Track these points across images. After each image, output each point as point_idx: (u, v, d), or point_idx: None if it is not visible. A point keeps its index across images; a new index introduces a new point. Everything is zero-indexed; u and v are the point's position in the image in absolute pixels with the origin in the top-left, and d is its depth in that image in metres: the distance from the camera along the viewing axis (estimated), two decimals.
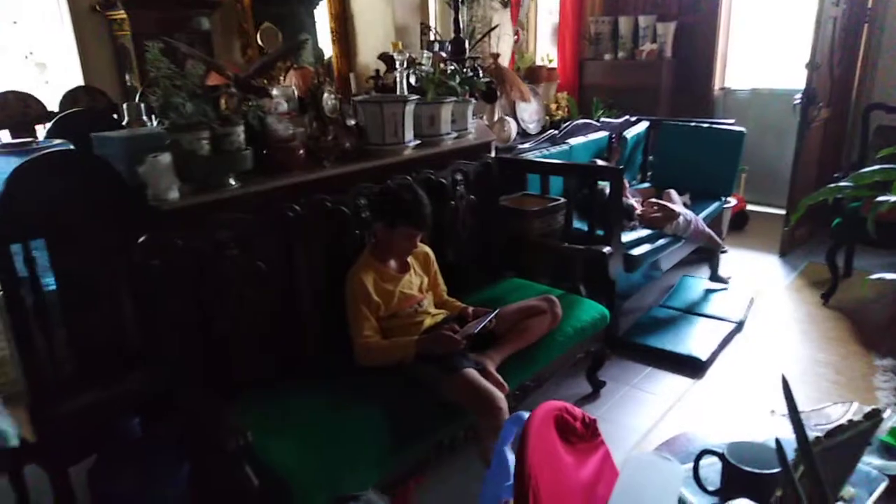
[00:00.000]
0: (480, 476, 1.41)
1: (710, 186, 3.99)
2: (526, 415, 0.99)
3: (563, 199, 2.89)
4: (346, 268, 2.11)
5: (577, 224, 3.01)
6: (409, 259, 2.21)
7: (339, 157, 2.27)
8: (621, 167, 3.27)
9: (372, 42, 3.89)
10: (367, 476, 1.70)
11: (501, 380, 1.98)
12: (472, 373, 1.90)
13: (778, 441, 0.81)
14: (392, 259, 2.16)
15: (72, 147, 1.85)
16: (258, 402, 1.83)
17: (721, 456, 1.10)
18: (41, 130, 3.51)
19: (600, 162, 3.74)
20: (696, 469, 1.12)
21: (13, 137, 3.30)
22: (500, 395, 1.86)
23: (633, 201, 3.48)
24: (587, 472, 1.01)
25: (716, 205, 3.95)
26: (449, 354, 1.94)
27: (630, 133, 4.04)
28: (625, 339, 3.07)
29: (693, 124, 4.22)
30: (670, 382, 2.78)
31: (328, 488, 1.62)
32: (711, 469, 1.13)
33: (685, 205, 3.64)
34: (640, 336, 3.11)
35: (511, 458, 0.99)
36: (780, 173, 4.56)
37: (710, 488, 1.11)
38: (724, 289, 3.60)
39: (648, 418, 2.51)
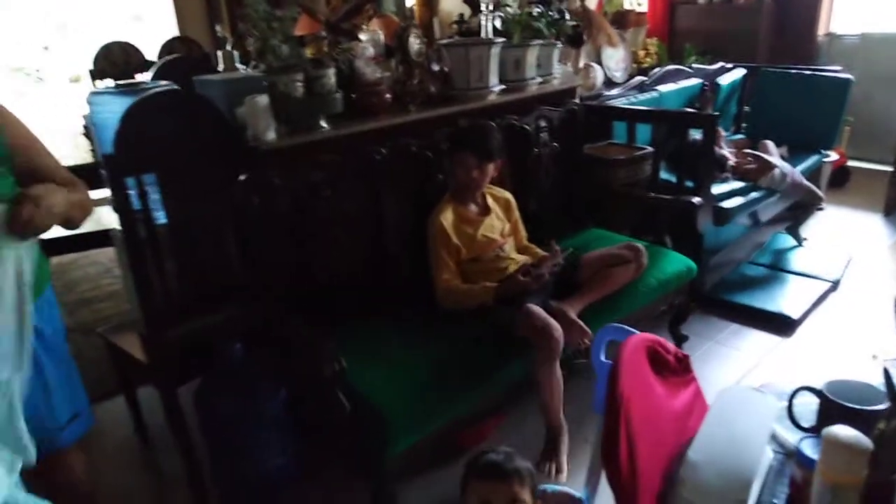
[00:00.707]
0: None
1: (809, 139, 3.74)
2: (617, 326, 1.00)
3: (650, 149, 2.80)
4: (430, 212, 2.14)
5: (664, 175, 2.91)
6: (490, 203, 2.21)
7: (424, 102, 2.29)
8: (715, 114, 3.11)
9: None
10: (450, 408, 1.76)
11: (583, 325, 1.98)
12: (534, 307, 1.91)
13: (886, 370, 0.78)
14: (471, 202, 2.17)
15: (177, 88, 1.94)
16: (348, 335, 1.91)
17: (818, 392, 1.07)
18: (141, 78, 3.72)
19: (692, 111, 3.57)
20: (790, 406, 1.10)
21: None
22: (557, 326, 1.85)
23: (727, 152, 3.32)
24: (678, 403, 1.02)
25: (815, 158, 3.70)
26: (523, 295, 1.96)
27: (725, 80, 3.82)
28: (711, 294, 2.98)
29: (794, 72, 3.93)
30: (757, 339, 2.69)
31: (414, 417, 1.69)
32: (806, 408, 1.10)
33: (782, 157, 3.44)
34: (726, 292, 3.01)
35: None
36: (888, 126, 4.21)
37: (805, 424, 1.09)
38: (798, 246, 3.42)
39: (733, 374, 2.46)
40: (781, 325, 2.75)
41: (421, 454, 1.77)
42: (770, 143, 3.50)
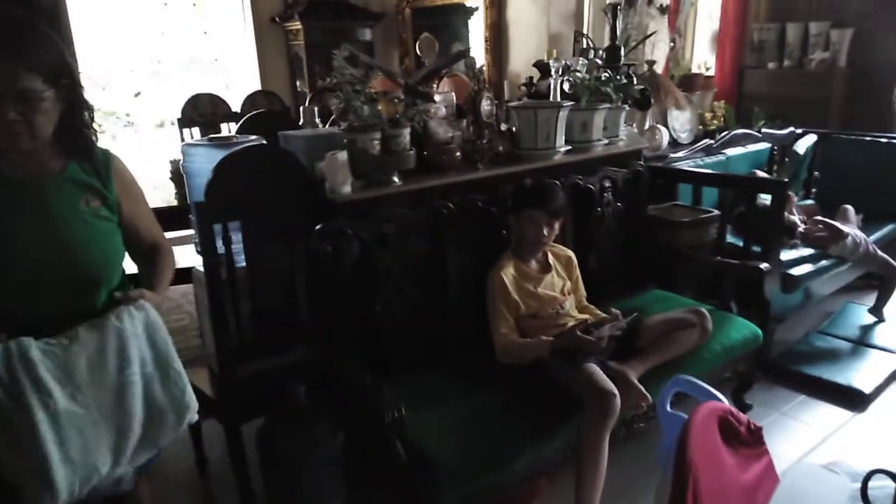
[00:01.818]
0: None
1: (885, 206, 3.62)
2: (687, 378, 1.00)
3: (716, 212, 2.78)
4: (492, 266, 2.19)
5: (730, 238, 2.88)
6: (551, 260, 2.24)
7: (492, 160, 2.37)
8: (786, 180, 3.08)
9: (525, 50, 3.97)
10: (504, 463, 1.76)
11: (643, 390, 1.95)
12: (594, 367, 1.90)
13: None
14: (532, 259, 2.21)
15: (265, 142, 2.09)
16: (407, 383, 1.95)
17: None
18: (224, 128, 3.99)
19: (760, 174, 3.53)
20: (864, 488, 1.06)
21: (202, 135, 3.78)
22: (615, 393, 1.82)
23: (797, 218, 3.26)
24: (748, 476, 1.00)
25: (890, 227, 3.57)
26: (580, 353, 1.95)
27: (801, 147, 3.77)
28: (777, 363, 2.88)
29: (868, 138, 3.86)
30: (826, 413, 2.57)
31: (467, 470, 1.70)
32: (882, 492, 1.06)
33: (858, 226, 3.34)
34: (793, 362, 2.90)
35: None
36: None
37: None
38: (882, 321, 3.26)
39: (799, 448, 2.35)
40: (852, 399, 2.63)
41: None
42: (850, 209, 3.41)
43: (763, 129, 4.08)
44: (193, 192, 2.03)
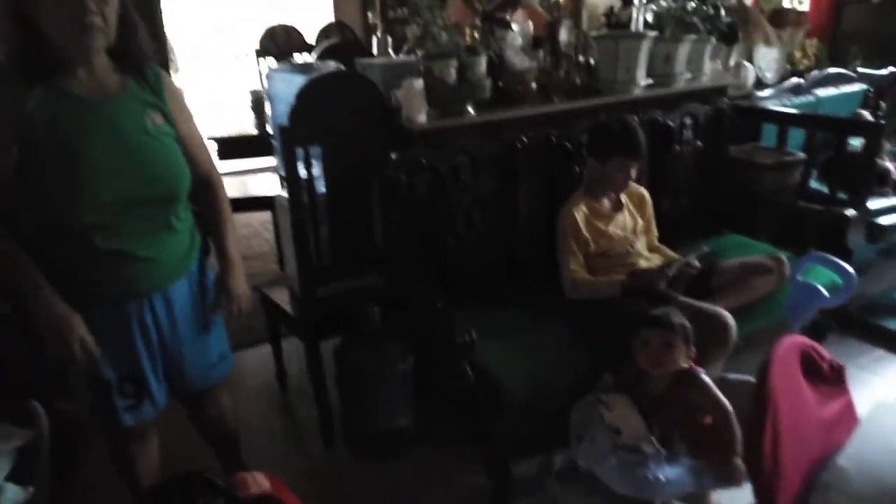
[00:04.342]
0: None
1: None
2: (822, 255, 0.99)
3: (801, 155, 2.65)
4: (563, 202, 2.18)
5: (814, 184, 2.74)
6: (624, 199, 2.20)
7: (568, 92, 2.32)
8: (881, 123, 2.88)
9: None
10: (567, 393, 1.80)
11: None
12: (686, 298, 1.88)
13: None
14: (605, 197, 2.17)
15: (345, 69, 2.11)
16: (475, 311, 1.99)
17: None
18: (299, 59, 4.02)
19: (866, 114, 3.30)
20: None
21: (277, 64, 3.83)
22: (725, 312, 1.80)
23: (890, 165, 3.06)
24: (827, 412, 1.00)
25: None
26: (657, 290, 1.93)
27: None
28: (855, 315, 2.78)
29: None
30: None
31: (531, 395, 1.75)
32: None
33: None
34: (873, 315, 2.80)
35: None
36: None
37: None
38: None
39: (874, 401, 2.29)
40: None
41: (534, 433, 1.84)
42: None
43: (859, 69, 3.79)
44: (276, 117, 2.08)
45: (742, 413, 1.59)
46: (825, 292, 1.97)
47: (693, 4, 2.56)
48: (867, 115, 3.35)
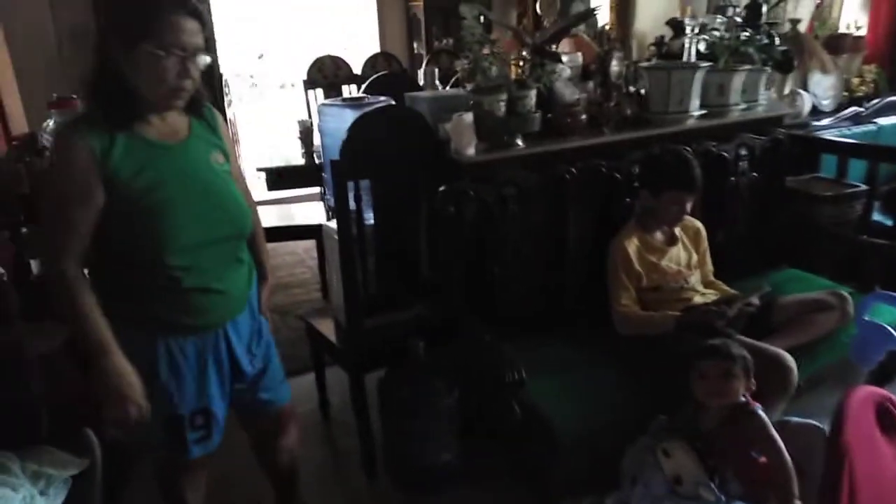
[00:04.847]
0: None
1: None
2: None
3: (863, 186, 2.54)
4: (614, 234, 2.13)
5: (877, 217, 2.63)
6: (678, 232, 2.15)
7: (618, 124, 2.29)
8: None
9: (653, 9, 3.76)
10: (620, 434, 1.74)
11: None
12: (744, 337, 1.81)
13: None
14: (658, 230, 2.12)
15: (394, 103, 2.13)
16: (523, 345, 1.96)
17: None
18: (346, 90, 4.10)
19: None
20: None
21: (325, 96, 3.91)
22: (786, 354, 1.74)
23: None
24: None
25: None
26: (713, 328, 1.86)
27: None
28: None
29: None
30: None
31: (583, 434, 1.70)
32: None
33: None
34: None
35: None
36: None
37: None
38: None
39: None
40: None
41: (585, 473, 1.78)
42: None
43: None
44: (327, 151, 2.11)
45: (805, 458, 1.52)
46: (895, 333, 1.87)
47: (747, 34, 2.52)
48: None
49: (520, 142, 2.10)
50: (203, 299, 1.35)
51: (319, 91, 4.05)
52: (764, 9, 2.99)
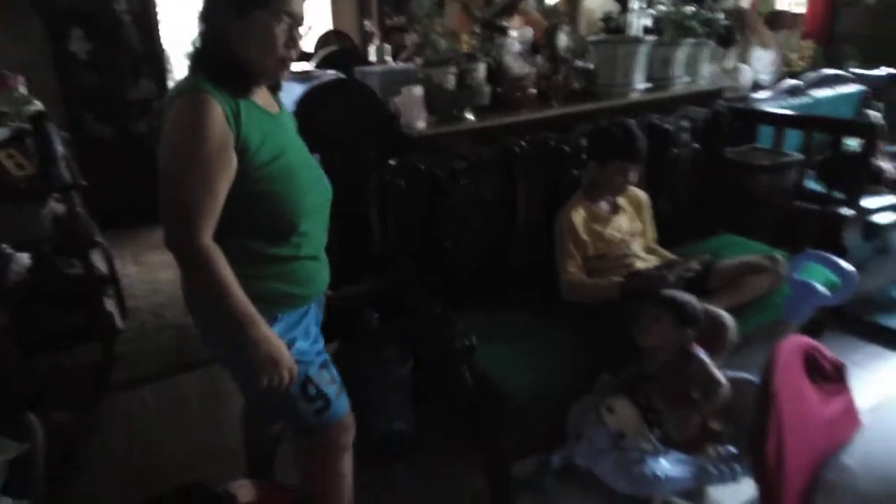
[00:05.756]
0: None
1: None
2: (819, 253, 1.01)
3: (798, 155, 2.67)
4: (562, 205, 2.19)
5: (810, 184, 2.77)
6: (622, 202, 2.21)
7: (566, 97, 2.33)
8: (877, 123, 2.90)
9: None
10: (567, 394, 1.81)
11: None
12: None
13: None
14: (603, 200, 2.18)
15: (343, 77, 2.12)
16: (473, 314, 2.00)
17: None
18: (296, 66, 4.02)
19: (874, 114, 3.32)
20: None
21: None
22: (725, 312, 1.83)
23: (885, 164, 3.08)
24: (830, 411, 1.02)
25: None
26: (650, 294, 1.94)
27: None
28: (851, 312, 2.79)
29: None
30: None
31: (532, 398, 1.76)
32: None
33: None
34: (868, 312, 2.81)
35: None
36: None
37: None
38: None
39: (870, 397, 2.29)
40: None
41: (534, 435, 1.85)
42: None
43: (854, 70, 3.82)
44: None
45: (738, 409, 1.61)
46: (824, 290, 1.98)
47: (692, 8, 2.59)
48: (875, 115, 3.37)
49: (470, 115, 2.13)
50: (312, 267, 1.37)
51: None
52: None
